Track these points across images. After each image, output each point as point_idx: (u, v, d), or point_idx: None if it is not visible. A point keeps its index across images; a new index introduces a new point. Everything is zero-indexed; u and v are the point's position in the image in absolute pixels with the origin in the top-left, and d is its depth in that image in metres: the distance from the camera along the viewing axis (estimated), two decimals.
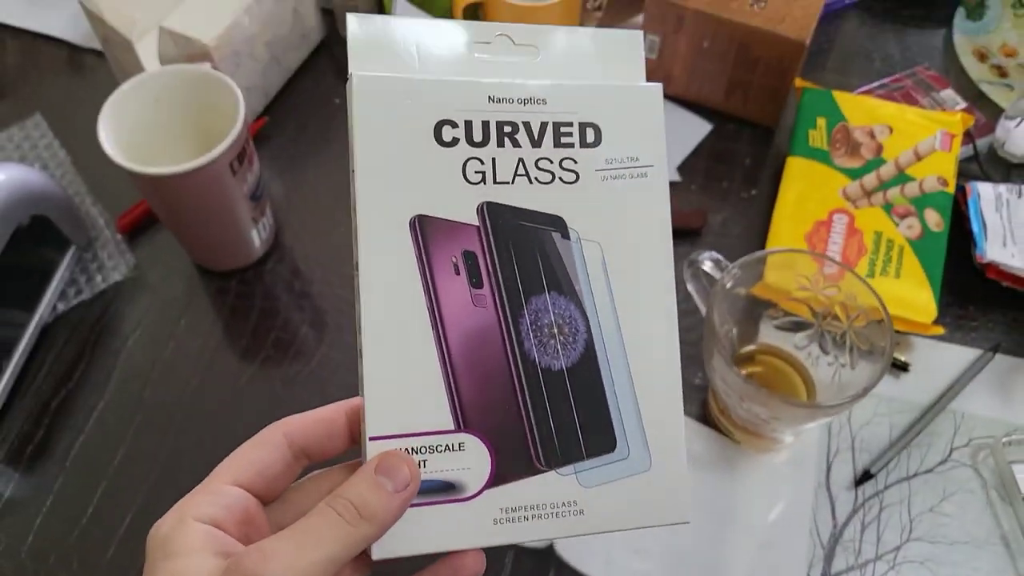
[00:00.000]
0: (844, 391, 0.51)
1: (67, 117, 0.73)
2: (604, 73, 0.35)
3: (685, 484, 0.35)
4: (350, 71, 0.32)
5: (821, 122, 0.65)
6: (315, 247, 0.65)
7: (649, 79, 0.36)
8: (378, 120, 0.32)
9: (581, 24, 0.75)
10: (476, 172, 0.33)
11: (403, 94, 0.33)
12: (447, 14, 0.73)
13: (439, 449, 0.32)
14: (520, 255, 0.34)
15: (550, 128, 0.34)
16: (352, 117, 0.32)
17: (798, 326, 0.55)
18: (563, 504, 0.33)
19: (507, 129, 0.34)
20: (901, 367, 0.58)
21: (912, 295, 0.58)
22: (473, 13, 0.74)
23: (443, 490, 0.32)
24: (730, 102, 0.69)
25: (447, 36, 0.34)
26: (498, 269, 0.33)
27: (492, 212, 0.33)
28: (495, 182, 0.33)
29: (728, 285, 0.51)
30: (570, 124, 0.34)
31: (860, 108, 0.65)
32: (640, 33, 0.36)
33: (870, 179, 0.62)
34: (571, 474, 0.33)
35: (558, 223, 0.34)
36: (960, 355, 0.59)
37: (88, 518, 0.54)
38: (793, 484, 0.55)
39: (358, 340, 0.32)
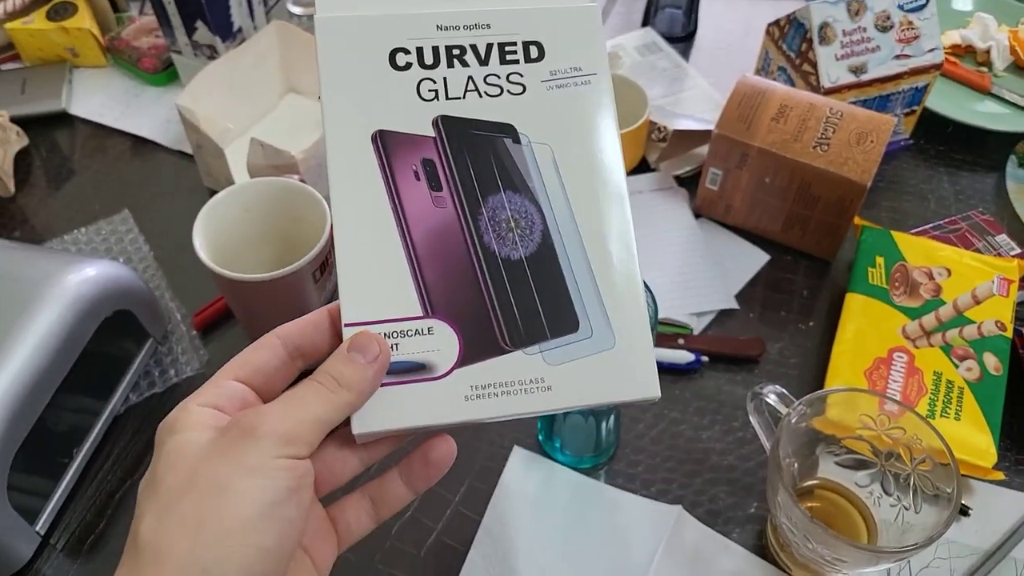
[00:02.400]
0: (907, 534, 0.51)
1: (152, 214, 0.76)
2: None
3: (650, 360, 0.37)
4: (315, 14, 0.38)
5: (880, 260, 0.67)
6: None
7: (710, 209, 0.41)
8: (338, 54, 0.37)
9: (646, 155, 0.78)
10: (429, 91, 0.38)
11: (358, 30, 0.38)
12: None
13: (409, 333, 0.35)
14: (474, 159, 0.38)
15: (495, 48, 0.39)
16: (317, 53, 0.37)
17: (860, 464, 0.55)
18: (531, 381, 0.35)
19: (455, 52, 0.38)
20: (962, 511, 0.58)
21: (973, 438, 0.58)
22: None
23: (415, 370, 0.35)
24: (788, 235, 0.72)
25: None
26: (454, 172, 0.37)
27: (446, 123, 0.38)
28: (447, 98, 0.38)
29: (793, 421, 0.52)
30: (514, 44, 0.39)
31: (919, 249, 0.67)
32: None
33: (929, 319, 0.63)
34: (537, 353, 0.36)
35: (508, 129, 0.38)
36: (1020, 501, 0.58)
37: None
38: None
39: (334, 243, 0.36)
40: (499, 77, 0.38)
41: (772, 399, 0.54)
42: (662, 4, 0.92)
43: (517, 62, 0.39)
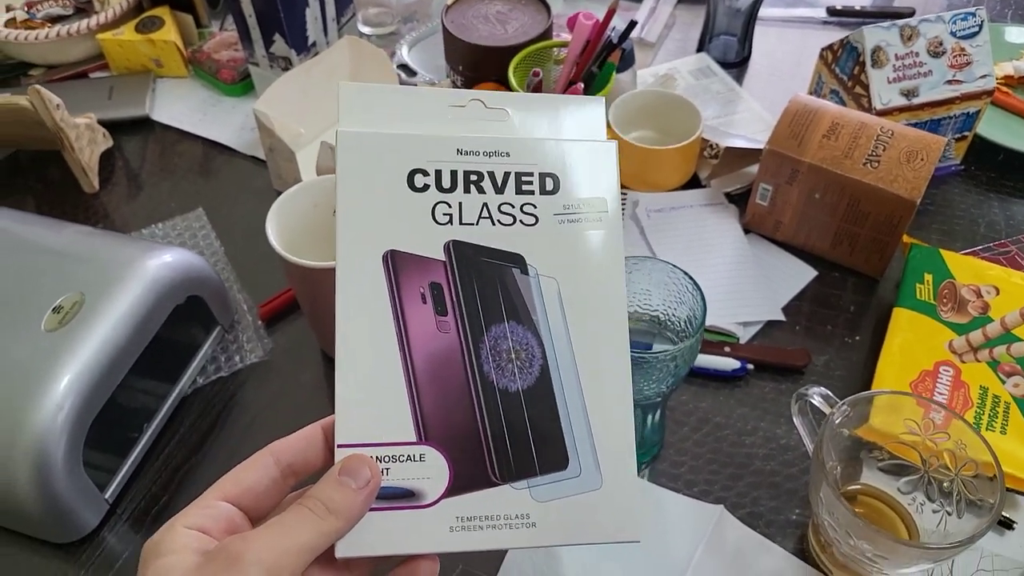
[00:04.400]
0: (949, 540, 0.52)
1: (224, 214, 0.80)
2: (566, 131, 0.40)
3: (635, 503, 0.37)
4: (338, 128, 0.38)
5: (928, 277, 0.67)
6: None
7: (760, 224, 0.41)
8: (358, 169, 0.37)
9: (697, 171, 0.80)
10: (444, 214, 0.38)
11: (380, 147, 0.38)
12: None
13: (401, 459, 0.35)
14: (482, 287, 0.38)
15: (512, 177, 0.39)
16: (337, 167, 0.37)
17: (902, 469, 0.56)
18: (516, 516, 0.36)
19: (473, 177, 0.38)
20: (1007, 524, 0.58)
21: (1018, 452, 0.58)
22: None
23: (404, 496, 0.35)
24: (836, 251, 0.73)
25: (426, 99, 0.39)
26: (461, 299, 0.37)
27: (457, 249, 0.38)
28: (461, 223, 0.38)
29: (837, 421, 0.53)
30: (531, 174, 0.39)
31: (967, 268, 0.68)
32: (602, 99, 0.41)
33: (976, 336, 0.64)
34: (524, 488, 0.36)
35: (518, 260, 0.38)
36: None
37: None
38: None
39: (335, 358, 0.36)
40: (513, 206, 0.39)
41: (817, 400, 0.55)
42: (717, 31, 0.95)
43: (532, 193, 0.39)
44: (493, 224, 0.38)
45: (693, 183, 0.81)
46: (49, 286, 0.60)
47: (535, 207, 0.39)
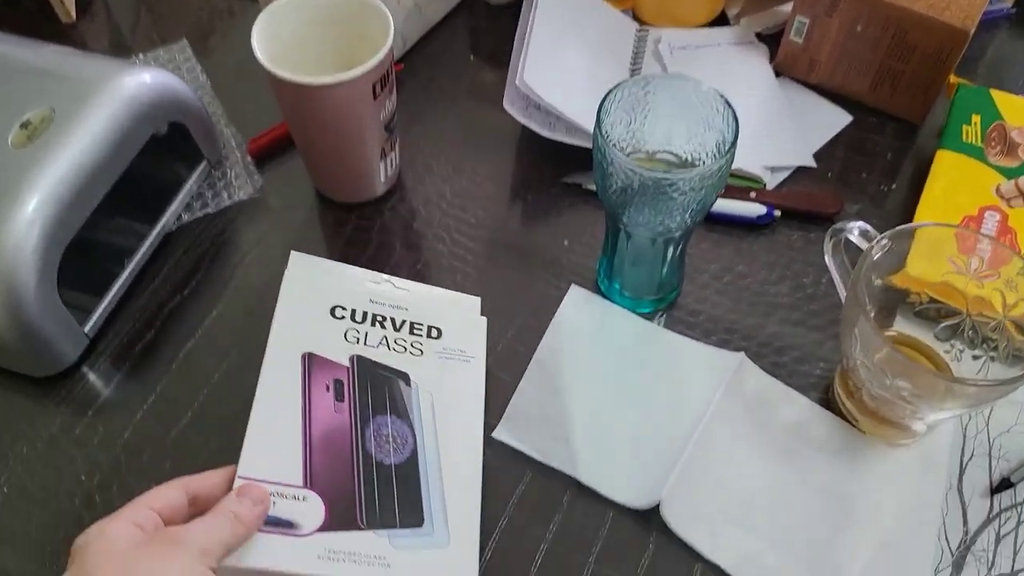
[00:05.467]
0: None
1: (210, 46, 0.74)
2: (451, 312, 0.55)
3: (472, 564, 0.46)
4: (291, 255, 0.53)
5: (976, 119, 0.62)
6: (435, 193, 0.65)
7: (792, 65, 0.64)
8: (296, 290, 0.52)
9: (726, 8, 0.74)
10: (353, 336, 0.51)
11: (317, 277, 0.53)
12: None
13: (287, 496, 0.44)
14: (373, 389, 0.50)
15: (407, 324, 0.53)
16: (283, 283, 0.52)
17: (941, 314, 0.52)
18: (374, 556, 0.44)
19: (379, 318, 0.53)
20: None
21: None
22: None
23: (286, 525, 0.43)
24: (876, 94, 0.67)
25: (354, 276, 0.54)
26: (356, 393, 0.49)
27: (359, 360, 0.51)
28: (365, 344, 0.51)
29: (876, 256, 0.48)
30: (421, 324, 0.53)
31: (1019, 108, 0.62)
32: (477, 300, 0.57)
33: None
34: (385, 536, 0.44)
35: (403, 376, 0.51)
36: None
37: (186, 421, 0.54)
38: (921, 483, 0.51)
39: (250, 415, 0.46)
40: (406, 342, 0.52)
41: (855, 235, 0.50)
42: None
43: (421, 336, 0.53)
44: (389, 349, 0.52)
45: (721, 21, 0.74)
46: (17, 100, 0.55)
47: (422, 345, 0.53)
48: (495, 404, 0.54)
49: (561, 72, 0.64)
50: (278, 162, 0.67)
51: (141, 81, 0.57)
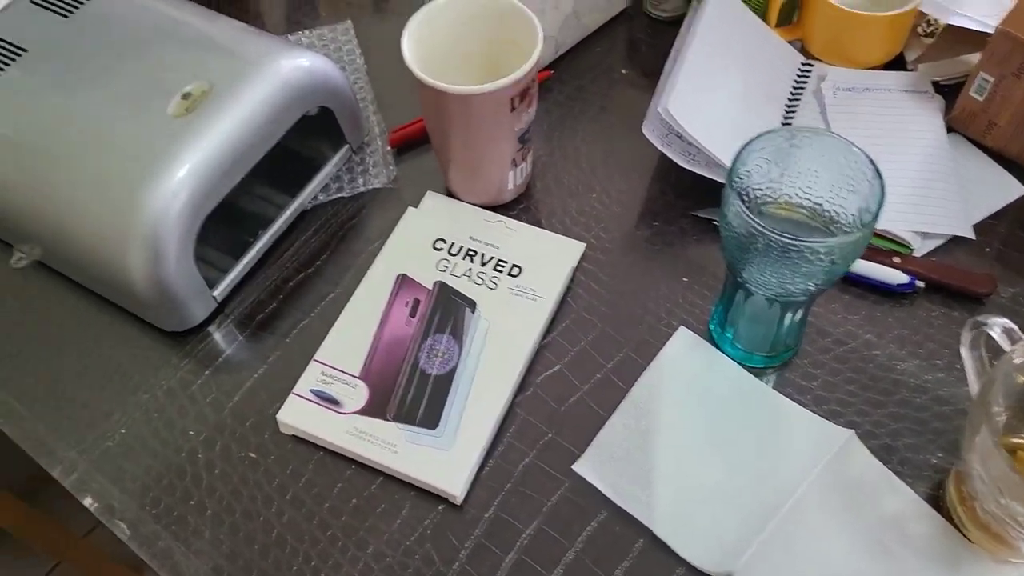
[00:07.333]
0: None
1: (373, 30, 0.76)
2: (545, 251, 0.61)
3: (466, 473, 0.52)
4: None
5: None
6: (560, 207, 0.64)
7: (968, 123, 0.63)
8: (413, 223, 0.62)
9: (904, 50, 0.68)
10: (443, 266, 0.60)
11: (436, 214, 0.63)
12: (763, 8, 0.69)
13: (342, 380, 0.55)
14: (443, 312, 0.58)
15: (494, 260, 0.60)
16: (406, 213, 0.63)
17: None
18: (387, 443, 0.53)
19: (471, 253, 0.60)
20: None
21: None
22: (788, 14, 0.69)
23: (332, 401, 0.54)
24: None
25: (470, 212, 0.63)
26: (428, 312, 0.58)
27: (440, 286, 0.59)
28: (451, 275, 0.59)
29: (1017, 362, 0.44)
30: (506, 262, 0.60)
31: None
32: (582, 246, 0.62)
33: None
34: (402, 430, 0.53)
35: (471, 303, 0.58)
36: None
37: (287, 396, 0.56)
38: None
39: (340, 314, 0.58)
40: (485, 276, 0.59)
41: (996, 332, 0.46)
42: None
43: (502, 272, 0.59)
44: (469, 279, 0.59)
45: (896, 64, 0.69)
46: (182, 71, 0.58)
47: (499, 280, 0.59)
48: (582, 435, 0.53)
49: (709, 101, 0.61)
50: (415, 154, 0.68)
51: (298, 65, 0.60)
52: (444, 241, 0.61)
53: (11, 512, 1.06)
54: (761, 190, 0.50)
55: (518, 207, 0.65)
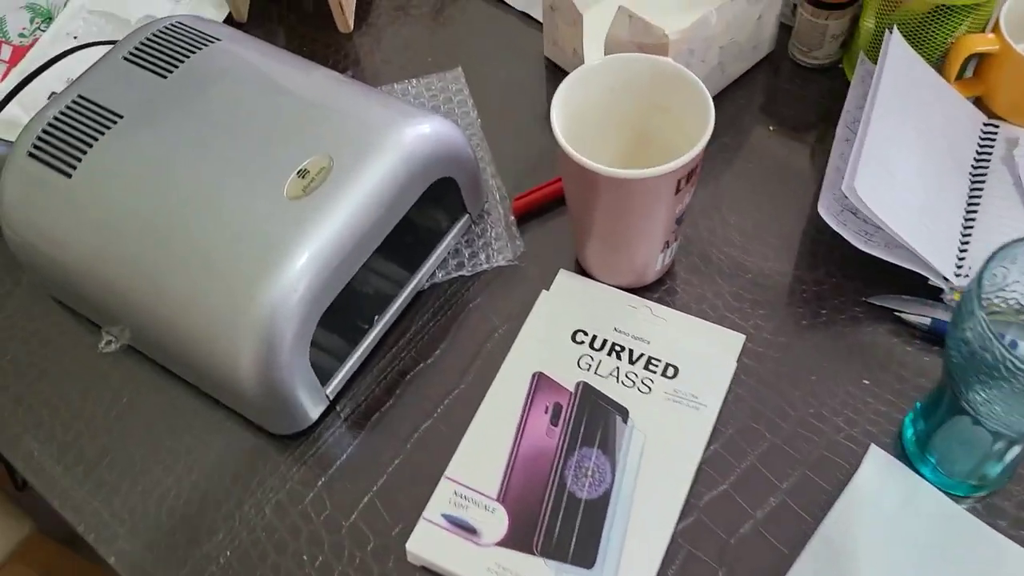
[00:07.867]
0: None
1: (485, 76, 0.69)
2: (701, 346, 0.53)
3: None
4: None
5: None
6: (710, 290, 0.57)
7: None
8: (547, 311, 0.55)
9: None
10: (586, 363, 0.52)
11: (572, 298, 0.56)
12: (940, 59, 0.60)
13: (479, 504, 0.48)
14: (589, 418, 0.50)
15: (644, 358, 0.52)
16: (539, 298, 0.55)
17: None
18: None
19: (617, 348, 0.53)
20: None
21: None
22: (965, 67, 0.61)
23: (470, 530, 0.47)
24: None
25: (610, 297, 0.56)
26: (571, 420, 0.50)
27: (583, 388, 0.52)
28: (595, 374, 0.52)
29: None
30: (659, 361, 0.52)
31: None
32: (741, 338, 0.53)
33: None
34: (553, 568, 0.46)
35: (623, 411, 0.51)
36: None
37: (412, 518, 0.49)
38: None
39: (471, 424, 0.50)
40: (636, 376, 0.52)
41: None
42: None
43: (655, 372, 0.52)
44: (618, 381, 0.52)
45: None
46: (295, 143, 0.52)
47: (652, 382, 0.51)
48: (761, 575, 0.46)
49: (892, 175, 0.53)
50: (540, 222, 0.61)
51: (421, 133, 0.53)
52: (585, 333, 0.53)
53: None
54: (988, 298, 0.42)
55: (661, 288, 0.57)
